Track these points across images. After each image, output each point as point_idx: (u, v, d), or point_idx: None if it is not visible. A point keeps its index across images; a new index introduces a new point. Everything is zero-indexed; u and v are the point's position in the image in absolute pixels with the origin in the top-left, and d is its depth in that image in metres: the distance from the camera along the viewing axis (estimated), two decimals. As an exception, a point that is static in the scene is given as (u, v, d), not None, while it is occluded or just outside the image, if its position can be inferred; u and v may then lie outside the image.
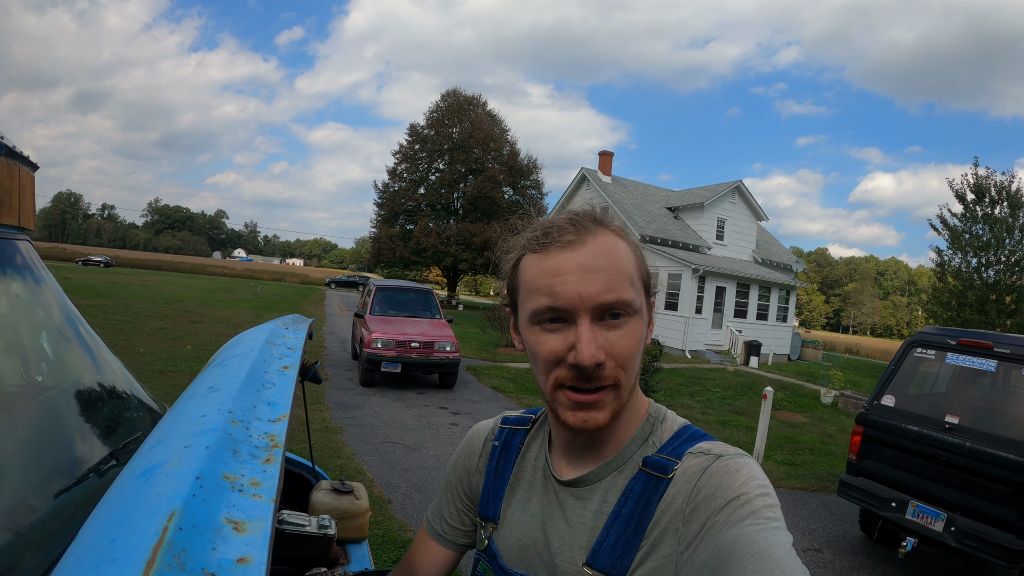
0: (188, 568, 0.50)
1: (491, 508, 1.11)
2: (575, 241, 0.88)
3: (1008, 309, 21.21)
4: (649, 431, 0.99)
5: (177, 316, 18.57)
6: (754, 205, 29.26)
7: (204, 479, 0.65)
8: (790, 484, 7.82)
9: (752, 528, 0.77)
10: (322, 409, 9.19)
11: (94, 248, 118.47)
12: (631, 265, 0.91)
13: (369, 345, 11.11)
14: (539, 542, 1.00)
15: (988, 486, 4.69)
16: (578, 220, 0.92)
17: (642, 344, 0.92)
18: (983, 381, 5.46)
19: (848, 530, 6.44)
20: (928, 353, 5.61)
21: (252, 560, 0.55)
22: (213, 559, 0.53)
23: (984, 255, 22.15)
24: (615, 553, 0.90)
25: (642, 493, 0.91)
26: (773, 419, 11.16)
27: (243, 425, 0.86)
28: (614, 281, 0.86)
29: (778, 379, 18.48)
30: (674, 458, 0.92)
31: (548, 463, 1.05)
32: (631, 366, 0.90)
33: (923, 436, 5.09)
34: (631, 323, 0.88)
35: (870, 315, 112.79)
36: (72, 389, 1.67)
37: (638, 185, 31.91)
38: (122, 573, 0.48)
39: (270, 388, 1.06)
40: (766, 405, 8.41)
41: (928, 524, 4.88)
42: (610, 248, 0.89)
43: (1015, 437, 4.69)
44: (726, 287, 24.76)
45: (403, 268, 44.09)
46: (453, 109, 42.57)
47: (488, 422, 1.24)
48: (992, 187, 22.04)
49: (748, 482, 0.84)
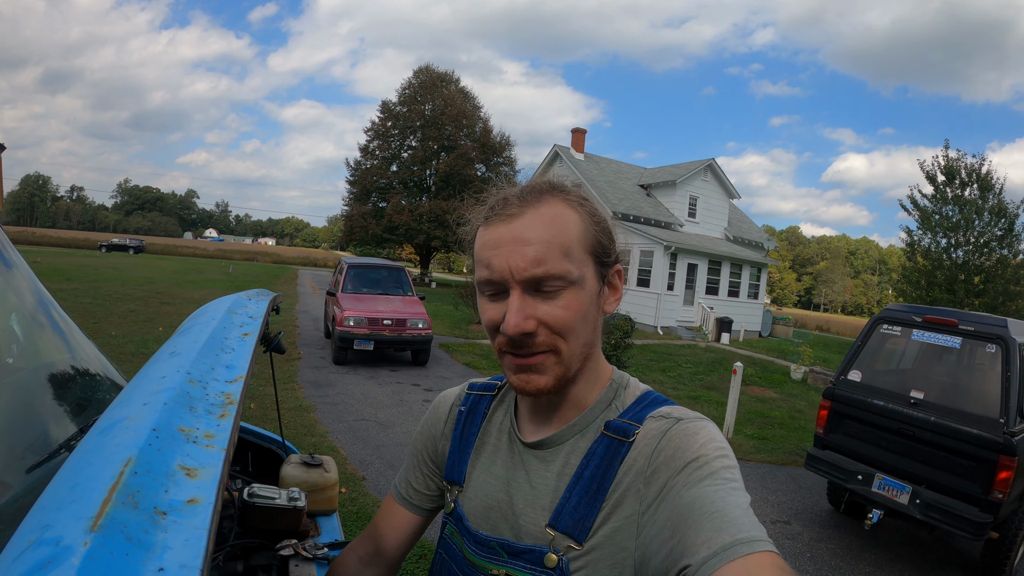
0: (142, 507, 0.55)
1: (457, 472, 1.12)
2: (515, 214, 0.90)
3: (977, 289, 21.58)
4: (612, 396, 1.01)
5: (148, 298, 18.33)
6: (726, 183, 29.38)
7: (160, 431, 0.70)
8: (760, 458, 7.94)
9: (710, 488, 0.79)
10: (295, 388, 9.15)
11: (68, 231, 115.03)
12: (575, 235, 0.91)
13: (341, 323, 11.05)
14: (503, 503, 1.01)
15: (952, 460, 4.79)
16: (528, 191, 0.93)
17: (589, 312, 0.93)
18: (948, 357, 5.57)
19: (816, 503, 6.56)
20: (894, 330, 5.69)
21: (201, 501, 0.60)
22: (165, 499, 0.58)
23: (954, 236, 22.48)
24: (577, 514, 0.91)
25: (604, 456, 0.93)
26: (744, 395, 11.32)
27: (200, 385, 0.89)
28: (545, 253, 0.88)
29: (749, 355, 18.70)
30: (635, 422, 0.94)
31: (514, 426, 1.07)
32: (570, 334, 0.91)
33: (889, 411, 5.18)
34: (567, 294, 0.90)
35: (841, 293, 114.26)
36: (44, 370, 1.65)
37: (611, 162, 31.87)
38: (80, 511, 0.52)
39: (229, 353, 1.09)
40: (736, 380, 8.52)
41: (894, 497, 4.98)
42: (551, 219, 0.90)
43: (979, 412, 4.79)
44: (698, 264, 24.91)
45: (376, 246, 43.73)
46: (426, 86, 42.12)
47: (455, 389, 1.26)
48: (962, 169, 22.32)
49: (706, 444, 0.86)
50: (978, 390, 5.06)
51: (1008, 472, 4.45)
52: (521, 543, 0.96)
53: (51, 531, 0.51)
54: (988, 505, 4.52)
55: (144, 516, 0.55)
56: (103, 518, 0.52)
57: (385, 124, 42.18)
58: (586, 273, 0.92)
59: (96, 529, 0.51)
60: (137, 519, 0.54)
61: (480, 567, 1.00)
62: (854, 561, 5.23)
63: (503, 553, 0.98)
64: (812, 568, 5.03)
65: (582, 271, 0.91)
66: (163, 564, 0.51)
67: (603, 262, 0.95)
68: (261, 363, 7.39)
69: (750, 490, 6.70)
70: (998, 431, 4.55)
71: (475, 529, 1.04)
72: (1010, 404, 4.65)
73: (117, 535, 0.51)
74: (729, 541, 0.70)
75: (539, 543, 0.94)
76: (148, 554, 0.51)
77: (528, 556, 0.94)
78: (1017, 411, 4.65)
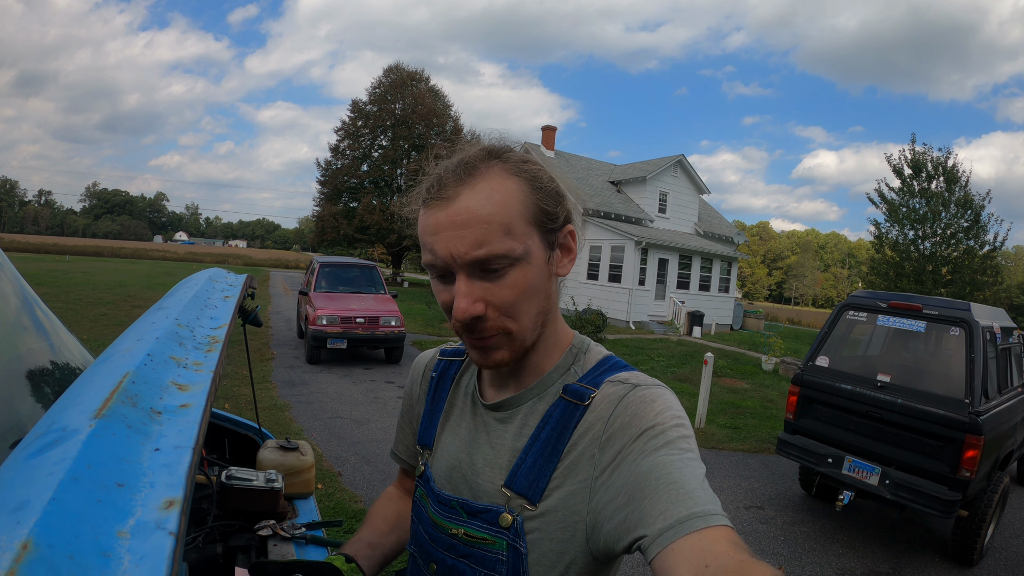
0: (140, 406, 0.63)
1: (427, 436, 1.15)
2: (451, 196, 0.88)
3: (944, 280, 21.92)
4: (572, 361, 1.01)
5: (120, 301, 18.03)
6: (696, 179, 29.59)
7: (154, 356, 0.77)
8: (732, 446, 8.02)
9: (667, 458, 0.80)
10: (269, 387, 9.07)
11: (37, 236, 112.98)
12: (514, 208, 0.88)
13: (314, 322, 10.97)
14: (464, 464, 1.03)
15: (920, 440, 4.88)
16: (464, 165, 0.90)
17: (538, 285, 0.92)
18: (914, 342, 5.67)
19: (789, 488, 6.64)
20: (860, 316, 5.78)
21: (193, 405, 0.68)
22: (160, 403, 0.66)
23: (921, 228, 22.80)
24: (532, 475, 0.93)
25: (560, 418, 0.94)
26: (716, 386, 11.43)
27: (188, 328, 0.96)
28: (485, 234, 0.86)
29: (721, 348, 18.86)
30: (593, 387, 0.95)
31: (477, 389, 1.09)
32: (519, 312, 0.91)
33: (857, 394, 5.26)
34: (513, 272, 0.89)
35: (812, 287, 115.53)
36: (26, 357, 1.64)
37: (581, 159, 31.94)
38: (85, 408, 0.59)
39: (212, 308, 1.15)
40: (707, 370, 8.59)
41: (863, 478, 5.06)
42: (488, 195, 0.87)
43: (944, 393, 4.89)
44: (669, 259, 25.05)
45: (347, 246, 43.41)
46: (396, 85, 41.81)
47: (429, 352, 1.28)
48: (929, 163, 22.66)
49: (663, 412, 0.87)
50: (943, 372, 5.15)
51: (975, 451, 4.54)
52: (479, 503, 0.98)
53: (58, 423, 0.56)
54: (956, 484, 4.61)
55: (142, 413, 0.62)
56: (105, 410, 0.59)
57: (355, 123, 41.82)
58: (531, 245, 0.90)
59: (100, 417, 0.57)
60: (136, 414, 0.61)
61: (442, 527, 1.02)
62: (827, 543, 5.30)
63: (463, 513, 0.99)
64: (786, 551, 5.10)
65: (526, 245, 0.89)
66: (159, 446, 0.57)
67: (550, 228, 0.93)
68: (234, 363, 7.33)
69: (723, 478, 6.81)
70: (964, 411, 4.64)
71: (438, 489, 1.05)
72: (975, 385, 4.75)
73: (119, 423, 0.58)
74: (685, 514, 0.72)
75: (496, 503, 0.96)
76: (146, 439, 0.58)
77: (485, 516, 0.96)
78: (982, 391, 4.75)
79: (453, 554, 0.99)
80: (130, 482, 0.51)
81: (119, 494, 0.49)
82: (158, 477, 0.53)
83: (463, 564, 0.97)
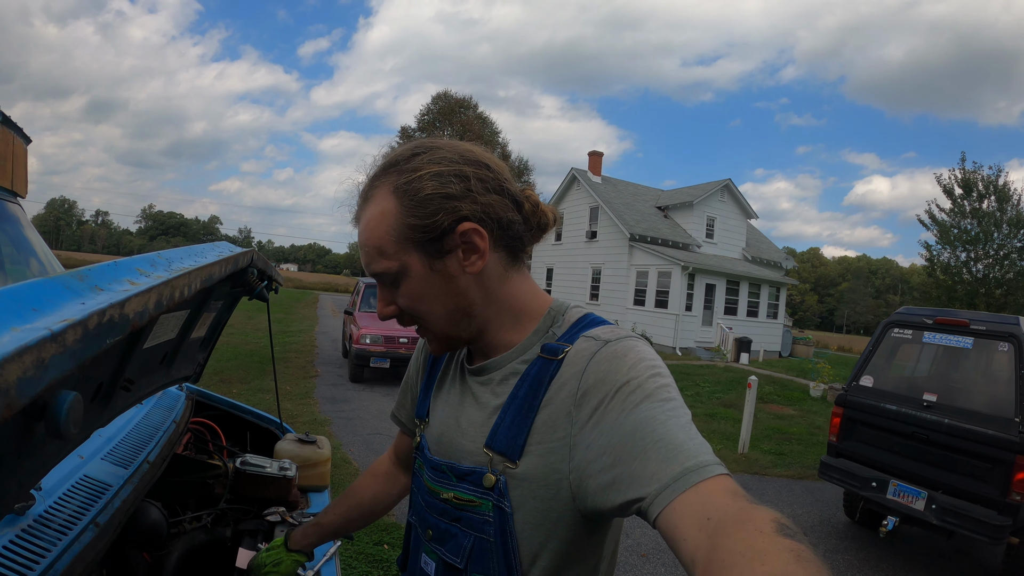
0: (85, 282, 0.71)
1: (423, 408, 1.19)
2: (357, 217, 1.02)
3: (997, 303, 21.28)
4: (550, 324, 1.03)
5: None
6: (743, 203, 29.27)
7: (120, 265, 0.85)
8: (776, 472, 7.84)
9: (648, 413, 0.80)
10: (311, 403, 9.20)
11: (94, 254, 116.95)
12: (384, 232, 0.96)
13: (358, 341, 11.10)
14: (452, 427, 1.05)
15: (968, 462, 4.71)
16: (366, 187, 1.02)
17: (431, 291, 0.98)
18: (961, 359, 5.48)
19: (833, 515, 6.46)
20: (905, 333, 5.63)
21: (138, 284, 0.78)
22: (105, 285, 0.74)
23: (973, 249, 22.23)
24: (511, 432, 0.94)
25: (536, 376, 0.96)
26: (762, 412, 11.21)
27: (167, 260, 1.02)
28: (369, 256, 0.99)
29: (768, 374, 18.51)
30: (567, 343, 0.96)
31: (465, 357, 1.13)
32: (421, 313, 1.00)
33: (902, 415, 5.11)
34: (404, 283, 0.98)
35: (863, 314, 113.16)
36: None
37: (628, 185, 31.89)
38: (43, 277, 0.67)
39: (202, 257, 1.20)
40: (751, 394, 8.43)
41: (909, 503, 4.89)
42: (368, 221, 0.98)
43: (993, 413, 4.71)
44: (716, 284, 24.77)
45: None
46: (444, 112, 42.48)
47: None
48: (979, 182, 22.13)
49: (636, 365, 0.87)
50: (992, 390, 4.97)
51: (1026, 474, 4.37)
52: (465, 465, 0.99)
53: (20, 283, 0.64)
54: (1006, 508, 4.43)
55: (85, 286, 0.71)
56: (53, 276, 0.68)
57: (403, 150, 42.45)
58: (408, 261, 0.96)
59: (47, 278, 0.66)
60: (78, 284, 0.70)
61: (434, 491, 1.04)
62: (871, 572, 5.13)
63: (452, 476, 1.01)
64: (827, 576, 4.94)
65: (402, 262, 0.96)
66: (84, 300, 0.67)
67: (428, 239, 0.95)
68: (281, 380, 7.43)
69: (766, 505, 6.61)
70: (1014, 431, 4.46)
71: (431, 455, 1.08)
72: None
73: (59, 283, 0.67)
74: (679, 471, 0.72)
75: (480, 464, 0.97)
76: (76, 296, 0.67)
77: (471, 478, 0.97)
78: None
79: (446, 519, 1.02)
80: (43, 309, 0.60)
81: (30, 312, 0.58)
82: (69, 311, 0.61)
83: (455, 527, 1.00)
